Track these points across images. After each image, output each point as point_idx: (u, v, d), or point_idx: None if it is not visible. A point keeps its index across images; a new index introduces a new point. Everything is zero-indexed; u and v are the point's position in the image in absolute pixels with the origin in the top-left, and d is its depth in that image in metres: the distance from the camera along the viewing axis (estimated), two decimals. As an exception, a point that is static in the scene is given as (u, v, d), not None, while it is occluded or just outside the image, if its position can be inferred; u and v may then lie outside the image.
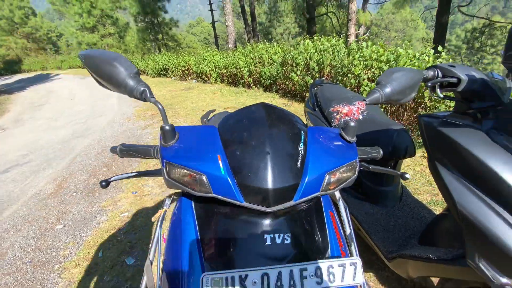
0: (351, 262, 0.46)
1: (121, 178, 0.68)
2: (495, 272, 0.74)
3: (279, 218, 0.51)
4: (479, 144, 0.77)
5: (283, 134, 0.53)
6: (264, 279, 0.42)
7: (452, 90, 0.85)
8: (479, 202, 0.74)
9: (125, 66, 0.53)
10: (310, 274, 0.44)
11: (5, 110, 9.24)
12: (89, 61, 0.54)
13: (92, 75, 0.57)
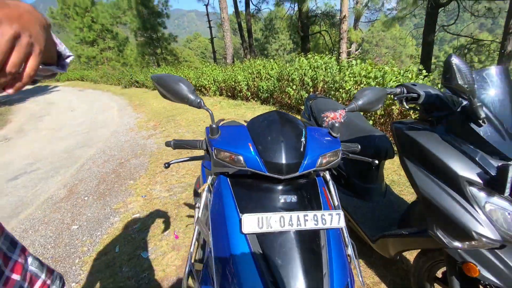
0: (336, 213, 0.70)
1: (178, 162, 0.93)
2: (449, 238, 0.98)
3: (288, 185, 0.75)
4: (433, 143, 1.03)
5: (290, 130, 0.77)
6: (281, 220, 0.65)
7: (415, 103, 1.13)
8: (433, 185, 1.00)
9: (186, 85, 0.77)
10: (310, 218, 0.67)
11: (7, 121, 9.34)
12: (160, 82, 0.79)
13: (160, 91, 0.81)
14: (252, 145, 0.73)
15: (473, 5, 8.99)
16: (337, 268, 0.67)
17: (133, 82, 13.95)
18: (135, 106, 8.69)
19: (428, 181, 1.03)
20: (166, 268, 1.80)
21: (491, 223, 0.89)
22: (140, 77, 13.23)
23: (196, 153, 3.59)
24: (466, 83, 0.83)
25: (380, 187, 1.70)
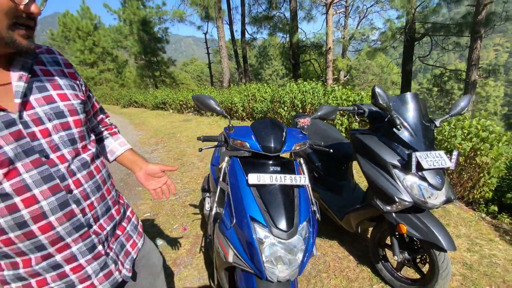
0: (303, 177, 1.16)
1: (207, 148, 1.39)
2: (383, 204, 1.45)
3: (275, 161, 1.20)
4: (373, 143, 1.54)
5: (276, 128, 1.24)
6: (270, 178, 1.09)
7: (363, 116, 1.65)
8: (373, 170, 1.49)
9: (214, 101, 1.25)
10: (287, 178, 1.12)
11: None
12: (198, 99, 1.27)
13: (198, 105, 1.28)
14: (254, 136, 1.21)
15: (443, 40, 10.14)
16: (303, 208, 1.12)
17: (132, 102, 14.47)
18: (136, 124, 9.11)
19: (370, 168, 1.52)
20: (178, 251, 2.18)
21: (407, 191, 1.38)
22: (139, 98, 13.78)
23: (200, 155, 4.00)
24: (384, 103, 1.36)
25: (350, 184, 2.18)
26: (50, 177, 0.61)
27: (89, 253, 0.69)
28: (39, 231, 0.60)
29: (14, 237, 0.59)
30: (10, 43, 0.54)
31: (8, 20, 0.51)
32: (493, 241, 2.16)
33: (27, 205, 0.58)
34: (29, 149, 0.59)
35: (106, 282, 0.73)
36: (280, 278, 1.01)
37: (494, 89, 36.70)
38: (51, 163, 0.62)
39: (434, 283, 1.42)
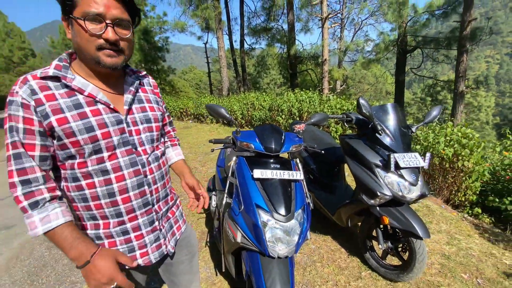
0: (299, 173, 1.38)
1: (217, 148, 1.62)
2: (367, 199, 1.68)
3: (276, 160, 1.43)
4: (360, 146, 1.78)
5: (276, 132, 1.47)
6: (272, 173, 1.32)
7: (351, 123, 1.90)
8: (359, 169, 1.73)
9: (224, 109, 1.48)
10: (285, 174, 1.34)
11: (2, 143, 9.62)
12: (211, 108, 1.50)
13: (210, 113, 1.51)
14: (257, 139, 1.44)
15: (433, 53, 10.62)
16: (299, 199, 1.34)
17: (132, 109, 14.70)
18: (136, 131, 9.33)
19: (357, 167, 1.76)
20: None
21: (387, 187, 1.61)
22: (139, 105, 14.00)
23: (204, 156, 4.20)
24: (367, 112, 1.61)
25: (342, 184, 2.41)
26: (135, 163, 0.84)
27: (149, 226, 0.90)
28: (121, 202, 0.82)
29: (104, 203, 0.81)
30: (97, 62, 0.73)
31: (95, 44, 0.71)
32: (471, 236, 2.39)
33: (118, 181, 0.80)
34: (126, 141, 0.82)
35: (156, 252, 0.93)
36: (280, 255, 1.22)
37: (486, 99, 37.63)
38: (137, 154, 0.85)
39: (412, 267, 1.64)
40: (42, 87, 0.71)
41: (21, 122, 0.69)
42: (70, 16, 0.70)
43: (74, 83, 0.74)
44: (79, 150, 0.75)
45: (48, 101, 0.71)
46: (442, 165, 3.25)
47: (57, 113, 0.71)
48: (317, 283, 1.81)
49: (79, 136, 0.73)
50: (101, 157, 0.78)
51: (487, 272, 1.90)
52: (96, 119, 0.76)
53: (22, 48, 28.89)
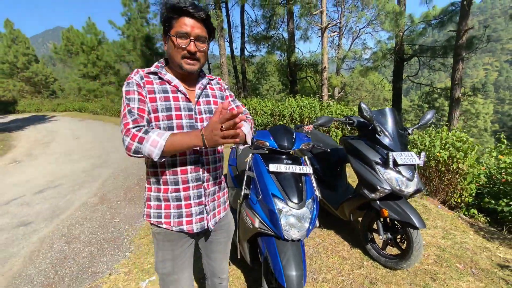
0: (308, 168, 1.56)
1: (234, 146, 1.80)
2: (368, 193, 1.86)
3: (288, 156, 1.61)
4: (361, 145, 1.97)
5: (289, 131, 1.66)
6: (285, 167, 1.50)
7: (353, 126, 2.10)
8: (361, 166, 1.91)
9: None
10: (297, 168, 1.52)
11: (11, 146, 9.58)
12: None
13: None
14: (272, 137, 1.63)
15: (430, 61, 10.92)
16: (309, 190, 1.52)
17: (134, 114, 14.85)
18: (140, 135, 9.47)
19: (359, 165, 1.94)
20: (197, 240, 2.52)
21: (386, 182, 1.79)
22: (141, 110, 14.17)
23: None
24: (368, 115, 1.80)
25: (343, 183, 2.58)
26: None
27: (197, 199, 1.08)
28: (179, 172, 1.04)
29: (167, 171, 1.03)
30: (181, 67, 1.00)
31: (181, 54, 0.98)
32: (465, 232, 2.56)
33: (180, 154, 1.02)
34: (192, 125, 1.04)
35: (198, 223, 1.10)
36: (293, 238, 1.39)
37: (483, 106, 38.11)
38: None
39: (410, 256, 1.81)
40: (146, 76, 1.02)
41: (136, 94, 0.98)
42: (168, 34, 0.98)
43: (166, 77, 1.03)
44: (156, 125, 0.99)
45: (147, 84, 1.01)
46: (438, 167, 3.43)
47: (151, 93, 1.00)
48: (323, 271, 1.97)
49: (160, 113, 0.99)
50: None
51: (481, 263, 2.07)
52: (175, 103, 1.02)
53: (26, 54, 29.24)
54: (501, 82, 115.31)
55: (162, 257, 1.10)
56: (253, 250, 1.73)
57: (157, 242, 1.10)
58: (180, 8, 0.95)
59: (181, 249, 1.11)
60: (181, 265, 1.12)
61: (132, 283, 2.06)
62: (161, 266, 1.11)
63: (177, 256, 1.11)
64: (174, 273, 1.11)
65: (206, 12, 0.99)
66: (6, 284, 2.25)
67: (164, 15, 0.99)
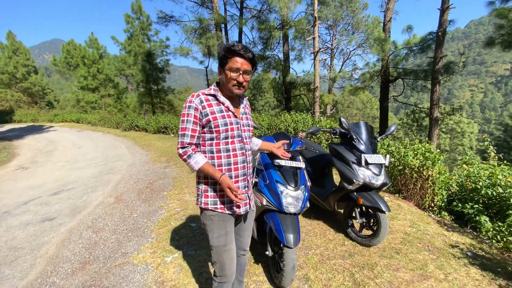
0: (302, 164, 2.12)
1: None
2: (347, 185, 2.43)
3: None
4: (342, 149, 2.56)
5: (287, 137, 2.23)
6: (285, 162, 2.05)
7: (336, 135, 2.70)
8: (341, 165, 2.50)
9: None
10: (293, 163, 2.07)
11: (14, 154, 9.74)
12: None
13: None
14: (275, 141, 2.20)
15: (412, 83, 11.94)
16: (302, 179, 2.07)
17: (133, 126, 15.29)
18: (142, 145, 9.89)
19: (340, 164, 2.52)
20: (209, 229, 3.01)
21: (360, 176, 2.37)
22: (141, 122, 14.66)
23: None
24: (346, 126, 2.41)
25: (330, 181, 3.14)
26: (243, 148, 1.43)
27: (244, 188, 1.45)
28: (233, 170, 1.40)
29: (224, 169, 1.38)
30: (232, 92, 1.36)
31: (232, 83, 1.33)
32: (429, 224, 3.13)
33: (234, 156, 1.40)
34: (239, 134, 1.41)
35: (244, 208, 1.46)
36: (291, 212, 1.94)
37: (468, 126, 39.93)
38: (244, 143, 1.44)
39: (379, 234, 2.35)
40: (206, 99, 1.37)
41: (192, 117, 1.34)
42: (223, 68, 1.34)
43: (221, 99, 1.38)
44: (218, 135, 1.36)
45: (209, 107, 1.35)
46: (411, 174, 4.04)
47: (213, 113, 1.34)
48: (313, 248, 2.50)
49: (221, 127, 1.35)
50: (227, 141, 1.38)
51: (436, 243, 2.62)
52: (229, 119, 1.37)
53: (26, 65, 29.69)
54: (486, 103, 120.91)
55: (218, 233, 1.41)
56: (259, 229, 2.25)
57: (213, 223, 1.41)
58: (234, 51, 1.30)
59: (230, 226, 1.45)
60: (231, 238, 1.45)
61: (158, 259, 2.53)
62: (217, 240, 1.41)
63: (228, 232, 1.44)
64: (227, 244, 1.43)
65: (252, 53, 1.33)
66: (45, 263, 2.67)
67: (221, 54, 1.32)
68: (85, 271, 2.43)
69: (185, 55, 12.94)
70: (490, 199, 3.55)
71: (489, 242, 2.83)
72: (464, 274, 2.11)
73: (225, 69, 1.33)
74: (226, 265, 1.44)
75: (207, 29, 14.09)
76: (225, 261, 1.44)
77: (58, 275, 2.43)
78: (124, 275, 2.32)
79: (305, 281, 2.08)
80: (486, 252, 2.50)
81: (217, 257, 1.44)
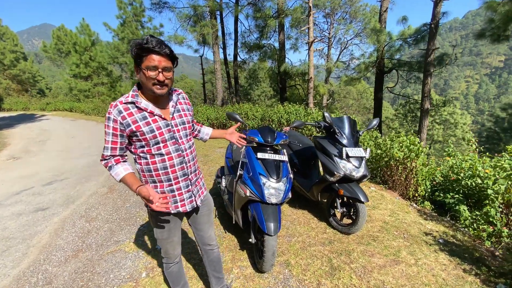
0: (285, 157, 2.21)
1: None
2: (329, 177, 2.55)
3: (271, 148, 2.25)
4: (325, 143, 2.67)
5: (272, 131, 2.31)
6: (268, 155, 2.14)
7: (320, 128, 2.80)
8: (325, 158, 2.61)
9: (238, 116, 2.30)
10: (277, 156, 2.16)
11: (5, 144, 9.62)
12: (229, 114, 2.31)
13: (229, 118, 2.33)
14: (259, 134, 2.28)
15: (406, 74, 12.00)
16: (285, 172, 2.17)
17: (128, 115, 15.13)
18: (136, 135, 9.88)
19: (323, 157, 2.63)
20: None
21: (341, 169, 2.48)
22: (135, 112, 14.51)
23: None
24: (329, 120, 2.50)
25: (315, 172, 3.26)
26: (179, 149, 1.39)
27: (186, 188, 1.45)
28: (171, 172, 1.37)
29: (161, 173, 1.36)
30: (153, 92, 1.24)
31: (151, 82, 1.22)
32: (408, 213, 3.29)
33: (169, 160, 1.35)
34: (172, 136, 1.36)
35: (189, 205, 1.49)
36: (273, 202, 2.05)
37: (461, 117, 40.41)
38: (179, 144, 1.39)
39: (357, 222, 2.49)
40: (125, 108, 1.27)
41: (111, 129, 1.27)
42: (139, 67, 1.22)
43: (141, 105, 1.28)
44: (147, 142, 1.31)
45: (129, 116, 1.26)
46: (396, 165, 4.19)
47: (134, 122, 1.27)
48: (296, 235, 2.64)
49: (147, 135, 1.29)
50: (159, 146, 1.33)
51: (412, 231, 2.79)
52: (155, 125, 1.31)
53: (14, 51, 28.89)
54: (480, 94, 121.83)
55: (160, 228, 1.49)
56: (244, 218, 2.37)
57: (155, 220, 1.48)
58: (148, 48, 1.17)
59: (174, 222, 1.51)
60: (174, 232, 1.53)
61: (149, 247, 2.65)
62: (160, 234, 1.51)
63: (172, 228, 1.51)
64: (169, 237, 1.52)
65: (169, 48, 1.22)
66: (38, 252, 2.78)
67: (134, 52, 1.19)
68: (78, 259, 2.55)
69: (180, 43, 12.74)
70: (470, 189, 3.72)
71: (464, 230, 3.00)
72: (433, 260, 2.27)
73: (141, 68, 1.21)
74: (169, 251, 1.58)
75: (202, 17, 13.83)
76: (168, 249, 1.57)
77: (51, 263, 2.54)
78: (116, 261, 2.44)
79: (285, 266, 2.22)
80: (458, 239, 2.67)
81: (161, 245, 1.57)
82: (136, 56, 1.20)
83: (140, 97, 1.31)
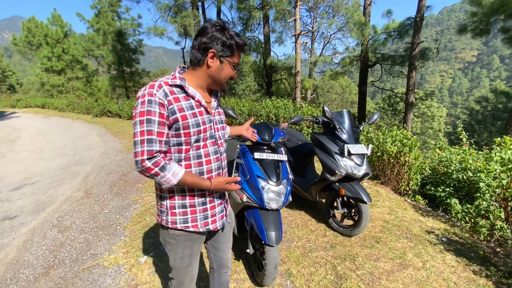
0: (284, 156, 2.00)
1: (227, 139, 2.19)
2: (329, 176, 2.37)
3: (268, 147, 2.04)
4: (324, 139, 2.47)
5: (269, 128, 2.09)
6: (266, 155, 1.91)
7: (319, 124, 2.60)
8: (324, 155, 2.42)
9: (231, 110, 2.05)
10: (275, 156, 1.95)
11: None
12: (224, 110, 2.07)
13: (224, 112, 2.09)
14: (258, 134, 2.05)
15: (390, 68, 12.14)
16: (284, 173, 1.96)
17: (106, 111, 14.37)
18: (115, 133, 9.32)
19: (322, 154, 2.44)
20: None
21: (343, 167, 2.31)
22: (114, 107, 13.80)
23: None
24: (329, 115, 2.31)
25: (312, 171, 3.08)
26: (217, 152, 1.16)
27: (219, 199, 1.21)
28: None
29: None
30: (222, 88, 1.18)
31: (227, 79, 1.13)
32: (406, 210, 3.20)
33: (207, 163, 1.12)
34: (212, 135, 1.14)
35: (220, 221, 1.23)
36: (273, 208, 1.83)
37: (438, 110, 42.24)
38: (218, 145, 1.17)
39: (360, 224, 2.34)
40: (172, 92, 1.02)
41: (157, 115, 0.97)
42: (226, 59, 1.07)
43: (189, 91, 1.06)
44: (188, 139, 1.05)
45: (176, 102, 1.01)
46: (389, 160, 4.11)
47: (181, 111, 1.02)
48: (295, 240, 2.45)
49: (192, 129, 1.04)
50: (198, 145, 1.09)
51: (414, 230, 2.68)
52: (201, 118, 1.07)
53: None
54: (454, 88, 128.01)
55: (182, 253, 1.17)
56: (239, 225, 2.14)
57: (177, 243, 1.15)
58: (241, 46, 1.09)
59: (198, 246, 1.22)
60: (195, 258, 1.23)
61: (132, 260, 2.36)
62: (180, 262, 1.19)
63: (194, 252, 1.21)
64: (190, 265, 1.22)
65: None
66: (4, 269, 2.42)
67: (230, 43, 1.05)
68: (49, 277, 2.21)
69: (160, 35, 12.10)
70: (460, 182, 3.70)
71: (460, 225, 2.95)
72: (441, 261, 2.16)
73: (229, 61, 1.08)
74: (185, 284, 1.26)
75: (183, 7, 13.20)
76: (185, 280, 1.26)
77: (18, 282, 2.20)
78: (93, 279, 2.13)
79: (287, 276, 2.02)
80: (459, 236, 2.59)
81: (177, 276, 1.25)
82: (229, 46, 1.06)
83: (187, 82, 1.09)
